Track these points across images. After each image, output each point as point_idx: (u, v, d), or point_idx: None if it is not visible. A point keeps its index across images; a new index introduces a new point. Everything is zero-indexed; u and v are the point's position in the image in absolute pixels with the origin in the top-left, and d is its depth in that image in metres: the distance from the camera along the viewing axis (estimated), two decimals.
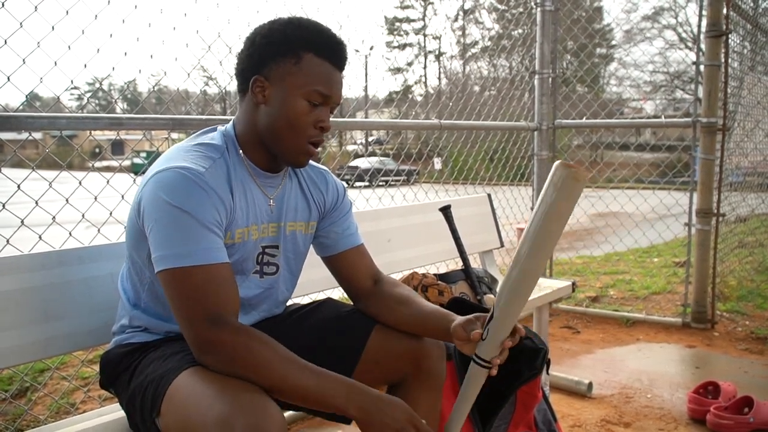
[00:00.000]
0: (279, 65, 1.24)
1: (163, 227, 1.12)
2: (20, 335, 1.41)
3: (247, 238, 1.29)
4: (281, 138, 1.26)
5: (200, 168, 1.17)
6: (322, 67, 1.24)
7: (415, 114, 5.44)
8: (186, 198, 1.12)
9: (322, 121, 1.26)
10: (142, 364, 1.24)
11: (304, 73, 1.23)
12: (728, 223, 4.27)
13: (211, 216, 1.14)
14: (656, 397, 2.69)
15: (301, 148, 1.27)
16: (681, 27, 21.56)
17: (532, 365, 1.74)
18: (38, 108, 1.88)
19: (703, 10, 3.49)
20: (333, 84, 1.26)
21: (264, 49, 1.25)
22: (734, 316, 3.78)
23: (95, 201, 2.02)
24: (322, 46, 1.25)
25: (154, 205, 1.14)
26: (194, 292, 1.10)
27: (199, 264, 1.11)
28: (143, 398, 1.16)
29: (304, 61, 1.23)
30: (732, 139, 4.01)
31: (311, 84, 1.23)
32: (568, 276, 4.67)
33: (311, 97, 1.24)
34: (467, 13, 22.08)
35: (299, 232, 1.42)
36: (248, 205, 1.28)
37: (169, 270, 1.11)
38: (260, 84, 1.25)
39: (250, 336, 1.10)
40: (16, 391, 2.67)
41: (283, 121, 1.24)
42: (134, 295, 1.32)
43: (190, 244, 1.11)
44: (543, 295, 2.55)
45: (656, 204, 4.35)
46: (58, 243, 1.83)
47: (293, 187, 1.41)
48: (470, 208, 2.87)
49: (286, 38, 1.24)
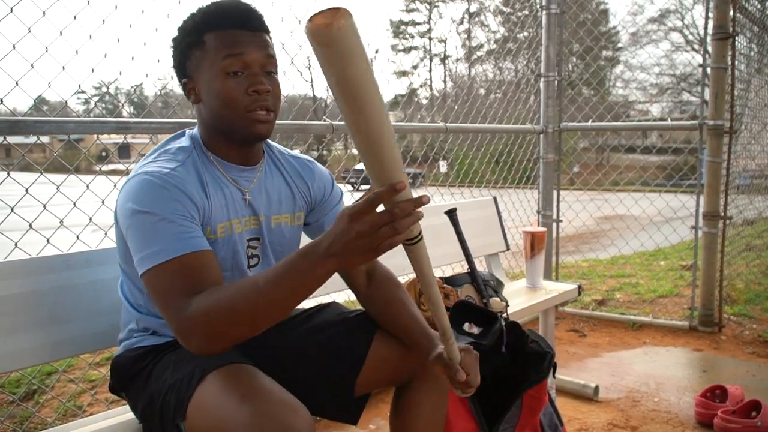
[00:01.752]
0: (192, 60, 1.25)
1: (133, 233, 1.14)
2: (28, 338, 1.42)
3: (231, 231, 1.29)
4: (225, 119, 1.25)
5: (163, 170, 1.18)
6: (224, 36, 1.22)
7: (420, 117, 5.45)
8: (148, 200, 1.14)
9: (252, 86, 1.23)
10: (158, 368, 1.25)
11: (211, 52, 1.22)
12: (735, 225, 4.25)
13: (173, 210, 1.14)
14: (663, 400, 2.68)
15: (245, 119, 1.24)
16: (687, 29, 21.50)
17: (539, 369, 1.74)
18: (45, 112, 1.88)
19: (710, 13, 3.49)
20: (241, 43, 1.22)
21: (177, 54, 1.28)
22: (741, 319, 3.76)
23: (102, 204, 2.03)
24: (218, 18, 1.23)
25: (123, 213, 1.17)
26: (166, 287, 1.09)
27: (168, 259, 1.10)
28: (165, 402, 1.16)
29: (207, 43, 1.23)
30: (739, 141, 4.00)
31: (219, 56, 1.22)
32: (574, 279, 4.66)
33: (226, 67, 1.21)
34: (473, 16, 22.07)
35: (285, 224, 1.42)
36: (227, 200, 1.29)
37: (145, 273, 1.12)
38: (189, 86, 1.28)
39: (209, 293, 1.06)
40: (24, 394, 2.68)
41: (216, 104, 1.24)
42: (135, 301, 1.33)
43: (157, 243, 1.11)
44: (549, 298, 2.55)
45: (663, 207, 4.33)
46: (63, 246, 1.84)
47: (275, 179, 1.40)
48: (476, 211, 2.87)
49: (187, 33, 1.25)
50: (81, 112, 3.86)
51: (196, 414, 1.10)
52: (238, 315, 1.03)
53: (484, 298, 2.17)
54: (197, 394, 1.11)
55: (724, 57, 3.42)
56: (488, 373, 1.75)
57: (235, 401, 1.05)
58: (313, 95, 6.95)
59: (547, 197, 3.90)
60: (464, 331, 1.88)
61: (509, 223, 3.38)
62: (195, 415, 1.10)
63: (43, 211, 1.86)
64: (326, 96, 5.80)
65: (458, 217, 2.27)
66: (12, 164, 1.96)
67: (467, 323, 1.91)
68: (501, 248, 2.94)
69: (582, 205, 4.34)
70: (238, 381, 1.10)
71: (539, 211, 3.92)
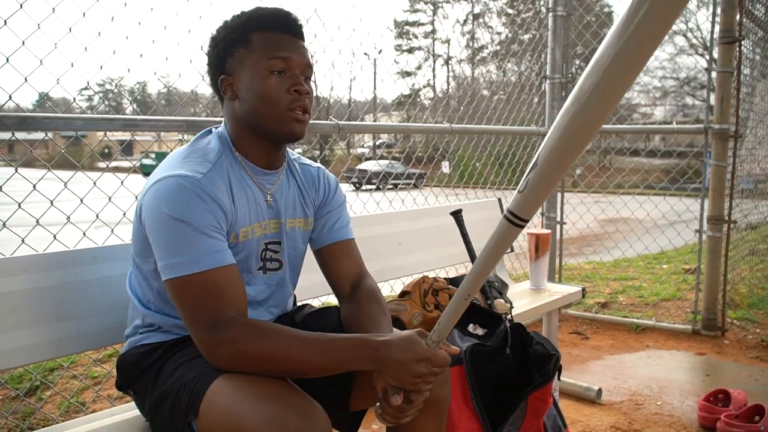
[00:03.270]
0: (234, 57, 1.28)
1: (163, 237, 1.15)
2: (35, 334, 1.42)
3: (251, 236, 1.31)
4: (263, 116, 1.27)
5: (197, 174, 1.19)
6: (272, 37, 1.27)
7: (424, 118, 5.46)
8: (182, 207, 1.15)
9: (294, 85, 1.27)
10: (168, 366, 1.25)
11: (257, 51, 1.26)
12: (739, 230, 4.25)
13: (207, 222, 1.16)
14: (666, 404, 2.68)
15: (285, 117, 1.27)
16: (691, 32, 21.48)
17: (543, 371, 1.74)
18: (52, 108, 1.89)
19: (716, 17, 3.48)
20: (287, 47, 1.27)
21: (217, 50, 1.30)
22: (745, 323, 3.76)
23: (109, 201, 2.03)
24: (266, 20, 1.28)
25: (154, 215, 1.17)
26: (194, 299, 1.13)
27: (199, 271, 1.13)
28: (176, 400, 1.16)
29: (253, 41, 1.27)
30: (744, 145, 3.99)
31: (266, 55, 1.25)
32: (577, 282, 4.65)
33: (271, 67, 1.26)
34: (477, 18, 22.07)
35: (298, 228, 1.43)
36: (249, 204, 1.30)
37: (172, 279, 1.14)
38: (227, 82, 1.30)
39: (250, 331, 1.12)
40: (26, 390, 2.69)
41: (257, 101, 1.26)
42: (144, 297, 1.33)
43: (188, 253, 1.13)
44: (552, 300, 2.54)
45: (667, 210, 4.33)
46: (66, 242, 1.84)
47: (291, 186, 1.42)
48: (480, 212, 2.87)
49: (231, 31, 1.29)
50: (84, 108, 3.87)
51: (210, 412, 1.10)
52: (271, 364, 1.11)
53: (489, 299, 2.17)
54: (210, 393, 1.11)
55: (731, 61, 3.42)
56: (493, 375, 1.75)
57: (252, 401, 1.06)
58: (316, 95, 6.97)
59: (551, 199, 3.90)
60: (469, 332, 1.88)
61: None
62: (208, 413, 1.10)
63: (50, 207, 1.86)
64: (329, 96, 5.80)
65: (463, 218, 2.27)
66: (15, 160, 1.96)
67: (472, 324, 1.91)
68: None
69: (586, 207, 4.34)
70: (253, 380, 1.10)
71: (543, 213, 3.92)
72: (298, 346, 1.11)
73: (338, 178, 1.59)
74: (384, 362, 1.10)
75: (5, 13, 1.70)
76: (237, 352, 1.11)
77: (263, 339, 1.11)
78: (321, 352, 1.11)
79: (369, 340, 1.13)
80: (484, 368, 1.73)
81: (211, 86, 1.36)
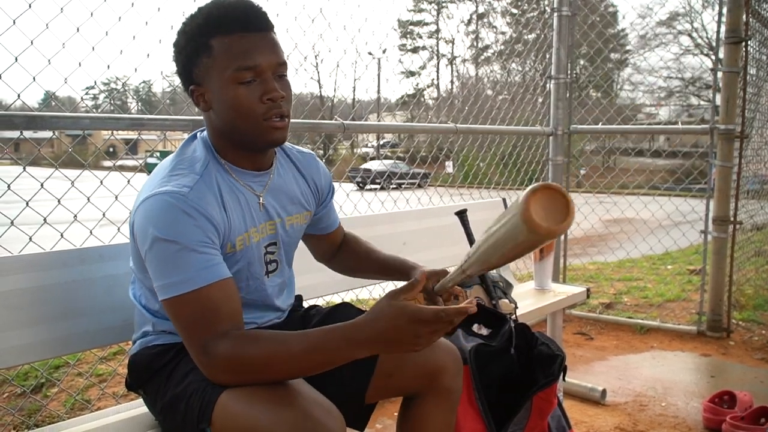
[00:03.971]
0: (199, 67, 1.20)
1: (155, 259, 1.13)
2: (41, 331, 1.43)
3: (249, 242, 1.28)
4: (239, 129, 1.21)
5: (183, 189, 1.15)
6: (233, 42, 1.17)
7: (429, 118, 5.47)
8: (169, 226, 1.11)
9: (266, 93, 1.19)
10: (180, 369, 1.23)
11: (221, 60, 1.17)
12: (745, 230, 4.24)
13: (196, 238, 1.13)
14: (671, 405, 2.67)
15: (262, 128, 1.21)
16: (696, 32, 21.41)
17: (548, 371, 1.74)
18: (58, 107, 1.90)
19: (722, 17, 3.47)
20: (253, 51, 1.17)
21: (182, 60, 1.22)
22: (750, 325, 3.75)
23: (116, 200, 2.04)
24: (224, 21, 1.17)
25: (143, 236, 1.14)
26: (190, 318, 1.11)
27: (192, 289, 1.10)
28: (188, 405, 1.16)
29: (214, 49, 1.17)
30: (750, 146, 3.98)
31: (231, 65, 1.16)
32: (581, 282, 4.65)
33: (239, 78, 1.17)
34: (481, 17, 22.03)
35: (297, 224, 1.42)
36: (243, 210, 1.27)
37: (167, 300, 1.12)
38: (197, 92, 1.22)
39: (242, 343, 1.09)
40: (32, 387, 2.70)
41: (230, 114, 1.20)
42: (151, 306, 1.31)
43: (180, 272, 1.11)
44: (557, 300, 2.54)
45: (672, 211, 4.32)
46: (73, 240, 1.85)
47: (287, 178, 1.39)
48: (485, 212, 2.87)
49: (190, 38, 1.19)
50: (89, 107, 3.88)
51: (223, 419, 1.09)
52: (265, 370, 1.08)
53: (494, 299, 2.17)
54: (223, 398, 1.10)
55: (737, 61, 3.41)
56: (497, 375, 1.75)
57: (265, 405, 1.06)
58: (320, 94, 6.96)
59: None
60: (473, 332, 1.88)
61: None
62: (221, 419, 1.10)
63: (57, 205, 1.87)
64: (333, 95, 5.80)
65: (468, 218, 2.27)
66: (21, 158, 1.98)
67: (476, 324, 1.91)
68: None
69: (590, 207, 4.34)
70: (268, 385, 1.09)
71: None
72: (285, 350, 1.07)
73: (342, 177, 1.60)
74: (379, 338, 1.03)
75: (14, 13, 1.71)
76: (230, 367, 1.08)
77: (250, 348, 1.08)
78: (311, 351, 1.06)
79: (348, 326, 1.06)
80: (489, 368, 1.73)
81: (184, 91, 1.28)
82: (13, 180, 1.80)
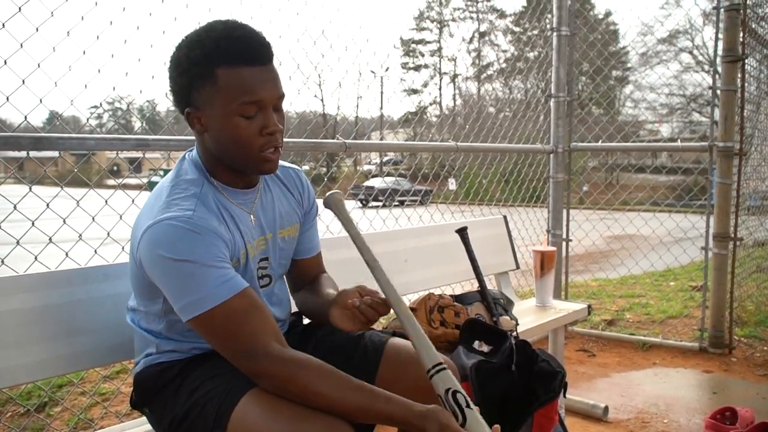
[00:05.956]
0: (201, 92, 1.21)
1: (172, 281, 1.15)
2: (46, 350, 1.44)
3: (246, 259, 1.31)
4: (234, 156, 1.25)
5: (187, 212, 1.17)
6: (239, 75, 1.19)
7: (431, 136, 5.50)
8: (182, 247, 1.13)
9: (265, 127, 1.22)
10: (189, 382, 1.25)
11: (225, 91, 1.19)
12: (746, 247, 4.24)
13: (211, 254, 1.15)
14: (673, 422, 2.67)
15: (257, 158, 1.24)
16: (697, 50, 21.53)
17: (549, 388, 1.75)
18: (62, 126, 1.93)
19: (719, 35, 3.51)
20: (257, 87, 1.20)
21: (181, 82, 1.23)
22: (752, 341, 3.74)
23: (120, 219, 2.07)
24: (230, 53, 1.19)
25: (155, 263, 1.15)
26: (222, 332, 1.14)
27: (216, 305, 1.13)
28: (201, 416, 1.18)
29: (219, 78, 1.19)
30: (749, 163, 4.00)
31: (235, 99, 1.19)
32: (583, 299, 4.65)
33: (242, 111, 1.20)
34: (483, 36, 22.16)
35: (289, 236, 1.44)
36: (239, 228, 1.29)
37: (193, 319, 1.14)
38: (194, 115, 1.24)
39: (296, 365, 1.13)
40: (35, 406, 2.71)
41: (227, 142, 1.22)
42: (154, 329, 1.32)
43: (201, 290, 1.13)
44: (558, 317, 2.55)
45: (673, 227, 4.33)
46: (77, 259, 1.87)
47: (274, 193, 1.42)
48: (486, 229, 2.89)
49: (194, 62, 1.20)
50: (94, 126, 3.92)
51: (242, 427, 1.12)
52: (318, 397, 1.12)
53: (494, 316, 2.18)
54: (239, 409, 1.13)
55: (734, 79, 3.44)
56: (498, 391, 1.76)
57: (283, 419, 1.09)
58: (323, 113, 7.00)
59: (556, 216, 3.91)
60: (474, 349, 1.89)
61: (519, 241, 3.40)
62: (237, 427, 1.12)
63: (62, 225, 1.89)
64: (336, 114, 5.85)
65: (469, 235, 2.29)
66: (25, 177, 2.00)
67: (477, 341, 1.93)
68: (511, 267, 2.96)
69: (591, 224, 4.35)
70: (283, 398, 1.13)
71: (549, 230, 3.93)
72: (341, 393, 1.12)
73: (345, 195, 1.61)
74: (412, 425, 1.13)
75: (21, 36, 1.75)
76: (279, 385, 1.13)
77: (307, 380, 1.12)
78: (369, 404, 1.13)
79: (413, 408, 1.14)
80: (490, 385, 1.74)
81: (176, 107, 1.30)
82: (20, 200, 1.82)
